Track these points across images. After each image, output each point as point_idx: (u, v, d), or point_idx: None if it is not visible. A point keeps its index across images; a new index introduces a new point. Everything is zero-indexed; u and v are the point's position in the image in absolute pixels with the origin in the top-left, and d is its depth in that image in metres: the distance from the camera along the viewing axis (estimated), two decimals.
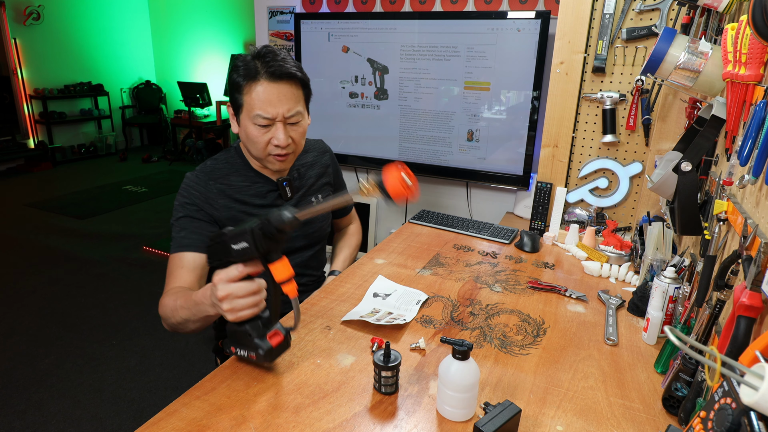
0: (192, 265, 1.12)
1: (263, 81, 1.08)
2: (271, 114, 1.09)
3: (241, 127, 1.15)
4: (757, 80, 0.77)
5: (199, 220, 1.16)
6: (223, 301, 0.83)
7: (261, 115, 1.09)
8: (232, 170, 1.23)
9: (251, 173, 1.24)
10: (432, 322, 1.12)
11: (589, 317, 1.16)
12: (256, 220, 0.82)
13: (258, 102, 1.08)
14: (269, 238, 0.81)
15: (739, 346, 0.64)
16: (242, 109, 1.11)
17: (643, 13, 1.57)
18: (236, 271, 0.83)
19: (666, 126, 1.53)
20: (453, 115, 2.44)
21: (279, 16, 2.92)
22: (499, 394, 0.87)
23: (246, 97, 1.09)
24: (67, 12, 6.11)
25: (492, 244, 1.62)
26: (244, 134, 1.15)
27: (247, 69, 1.09)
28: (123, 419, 1.93)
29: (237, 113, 1.14)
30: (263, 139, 1.13)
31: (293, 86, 1.12)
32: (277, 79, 1.08)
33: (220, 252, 0.86)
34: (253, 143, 1.14)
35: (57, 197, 4.79)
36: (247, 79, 1.08)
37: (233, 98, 1.13)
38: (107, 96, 6.63)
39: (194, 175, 1.20)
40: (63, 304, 2.80)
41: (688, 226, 0.99)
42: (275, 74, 1.08)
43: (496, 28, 2.23)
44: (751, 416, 0.48)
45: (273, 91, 1.08)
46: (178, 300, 0.99)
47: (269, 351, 0.87)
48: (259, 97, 1.08)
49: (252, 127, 1.11)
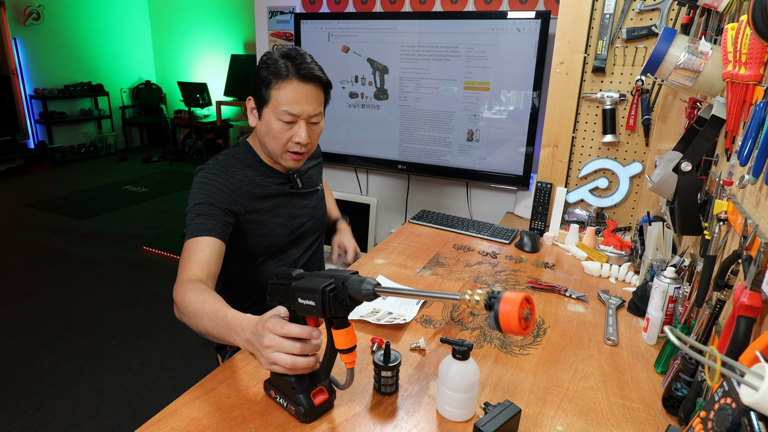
0: (210, 249, 1.08)
1: (294, 80, 1.13)
2: (297, 111, 1.14)
3: (263, 122, 1.18)
4: (757, 80, 0.77)
5: (219, 209, 1.14)
6: (267, 349, 0.75)
7: (288, 111, 1.13)
8: (245, 165, 1.25)
9: (263, 168, 1.27)
10: (432, 322, 1.12)
11: (589, 317, 1.16)
12: (330, 280, 0.74)
13: (286, 99, 1.13)
14: (340, 304, 0.73)
15: (739, 346, 0.64)
16: (268, 104, 1.15)
17: (643, 13, 1.57)
18: (297, 330, 0.75)
19: (666, 126, 1.53)
20: (453, 115, 2.44)
21: (279, 16, 2.92)
22: (499, 394, 0.87)
23: (274, 93, 1.13)
24: (67, 12, 6.11)
25: (492, 244, 1.62)
26: (266, 128, 1.18)
27: (277, 67, 1.13)
28: (123, 419, 1.93)
29: (261, 107, 1.17)
30: (285, 136, 1.17)
31: (319, 88, 1.17)
32: (307, 80, 1.14)
33: (283, 295, 0.80)
34: (274, 138, 1.17)
35: (57, 197, 4.79)
36: (278, 76, 1.13)
37: (259, 93, 1.16)
38: (107, 96, 6.62)
39: (210, 167, 1.20)
40: (63, 304, 2.80)
41: (688, 226, 0.99)
42: (306, 76, 1.13)
43: (496, 28, 2.23)
44: (751, 416, 0.48)
45: (301, 91, 1.14)
46: (206, 305, 0.91)
47: (310, 410, 0.79)
48: (288, 94, 1.13)
49: (276, 122, 1.15)
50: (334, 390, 0.83)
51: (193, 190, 1.17)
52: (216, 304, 0.90)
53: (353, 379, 0.78)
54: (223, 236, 1.11)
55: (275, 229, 1.27)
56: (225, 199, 1.15)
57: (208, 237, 1.08)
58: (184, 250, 1.08)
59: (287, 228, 1.30)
